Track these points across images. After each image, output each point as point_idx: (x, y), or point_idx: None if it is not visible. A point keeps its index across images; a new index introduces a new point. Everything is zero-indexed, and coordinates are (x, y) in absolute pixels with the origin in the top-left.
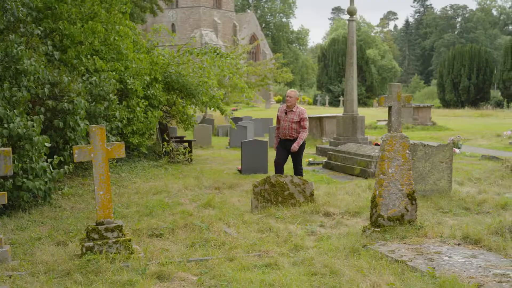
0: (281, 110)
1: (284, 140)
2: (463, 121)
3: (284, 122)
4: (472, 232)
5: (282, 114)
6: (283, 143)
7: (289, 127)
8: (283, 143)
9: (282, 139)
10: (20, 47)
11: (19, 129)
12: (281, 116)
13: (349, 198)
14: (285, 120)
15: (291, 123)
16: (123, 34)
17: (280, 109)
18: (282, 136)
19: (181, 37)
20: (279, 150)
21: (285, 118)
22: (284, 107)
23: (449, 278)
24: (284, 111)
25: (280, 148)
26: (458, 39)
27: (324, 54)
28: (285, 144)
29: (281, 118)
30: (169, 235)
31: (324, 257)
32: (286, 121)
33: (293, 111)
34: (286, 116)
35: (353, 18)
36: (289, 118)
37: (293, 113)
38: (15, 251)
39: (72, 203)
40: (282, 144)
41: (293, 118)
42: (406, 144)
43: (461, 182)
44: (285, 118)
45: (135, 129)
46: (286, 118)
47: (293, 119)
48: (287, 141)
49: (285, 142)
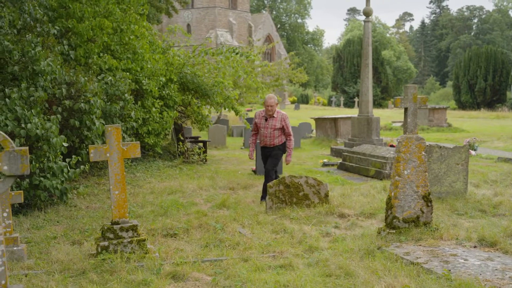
0: (260, 116)
1: (264, 147)
2: (479, 122)
3: (265, 130)
4: (488, 235)
5: (262, 120)
6: (262, 150)
7: (271, 134)
8: (263, 150)
9: (261, 146)
10: (37, 48)
11: (37, 130)
12: (261, 123)
13: (364, 200)
14: (266, 127)
15: (273, 130)
16: (139, 34)
17: (258, 115)
18: (262, 143)
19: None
20: (263, 159)
21: (265, 125)
22: (262, 113)
23: (464, 280)
24: (263, 117)
25: (263, 156)
26: (474, 40)
27: (339, 55)
28: (264, 151)
29: (260, 125)
30: (184, 235)
31: (339, 258)
32: (267, 128)
33: (274, 117)
34: (267, 122)
35: (368, 19)
36: (270, 125)
37: (274, 119)
38: (31, 250)
39: (87, 202)
40: (262, 151)
41: (275, 125)
42: (422, 145)
43: (477, 184)
44: (266, 125)
45: (150, 129)
46: (267, 125)
47: (275, 126)
48: (268, 148)
49: (265, 150)
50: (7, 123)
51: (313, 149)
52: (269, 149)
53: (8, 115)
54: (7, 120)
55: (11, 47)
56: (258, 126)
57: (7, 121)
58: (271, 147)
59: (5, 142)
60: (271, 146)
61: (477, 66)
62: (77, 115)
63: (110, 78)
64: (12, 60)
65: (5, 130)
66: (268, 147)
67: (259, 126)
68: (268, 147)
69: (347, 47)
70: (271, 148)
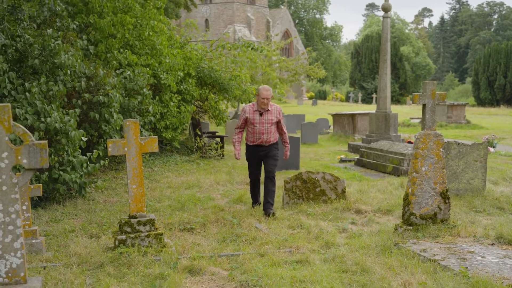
0: (251, 111)
1: (258, 146)
2: (498, 119)
3: (260, 125)
4: (506, 232)
5: (255, 115)
6: (254, 150)
7: (268, 130)
8: (255, 150)
9: (251, 145)
10: (57, 42)
11: (56, 124)
12: (255, 118)
13: (381, 196)
14: (261, 123)
15: (270, 125)
16: (158, 30)
17: (249, 110)
18: (256, 141)
19: (215, 32)
20: (252, 162)
21: (261, 120)
22: (254, 106)
23: (482, 278)
24: (257, 111)
25: (253, 158)
26: (494, 36)
27: (357, 50)
28: (258, 151)
29: (254, 120)
30: (201, 229)
31: (355, 254)
32: (263, 124)
33: (269, 110)
34: (262, 117)
35: (387, 15)
36: (266, 119)
37: (269, 113)
38: (49, 243)
39: (105, 196)
40: (253, 151)
41: (271, 119)
42: (440, 142)
43: (495, 182)
44: (261, 120)
45: (168, 124)
46: (263, 119)
47: (271, 120)
48: (263, 148)
49: (259, 150)
50: (26, 116)
51: (331, 145)
52: (265, 148)
53: (28, 109)
54: (27, 114)
55: (31, 40)
56: (250, 122)
57: (27, 114)
58: (267, 146)
59: (25, 135)
60: (268, 145)
61: (496, 62)
62: (96, 109)
63: (128, 73)
64: (33, 53)
65: (25, 123)
66: (263, 145)
67: (252, 122)
68: (264, 146)
69: (365, 42)
70: (267, 147)
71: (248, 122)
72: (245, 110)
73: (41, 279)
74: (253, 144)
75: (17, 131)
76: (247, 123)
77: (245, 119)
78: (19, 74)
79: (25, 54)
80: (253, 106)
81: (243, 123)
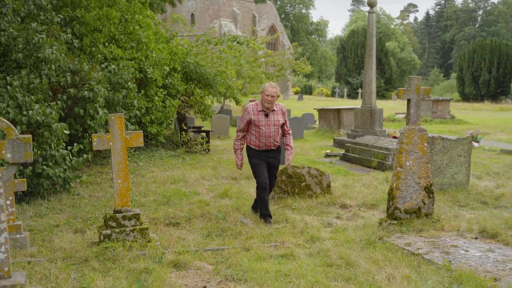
0: (255, 111)
1: (266, 152)
2: (482, 115)
3: (267, 128)
4: (490, 226)
5: (260, 116)
6: (262, 155)
7: (275, 132)
8: (263, 155)
9: (257, 151)
10: (41, 35)
11: (38, 117)
12: (260, 120)
13: (366, 191)
14: (267, 125)
15: (277, 127)
16: (145, 25)
17: (253, 111)
18: (263, 147)
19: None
20: (259, 164)
21: (267, 122)
22: (257, 106)
23: (465, 271)
24: (261, 112)
25: (262, 165)
26: (479, 32)
27: (343, 46)
28: (266, 157)
29: (259, 122)
30: (186, 224)
31: (340, 248)
32: (269, 126)
33: (275, 111)
34: (268, 118)
35: (373, 10)
36: (273, 120)
37: (275, 113)
38: (34, 238)
39: (90, 191)
40: (260, 156)
41: (278, 120)
42: (425, 137)
43: (479, 176)
44: (267, 121)
45: (153, 118)
46: (269, 121)
47: (278, 122)
48: (271, 152)
49: (267, 155)
50: (8, 110)
51: (316, 140)
52: (272, 153)
53: (10, 102)
54: (8, 108)
55: (15, 34)
56: (255, 124)
57: (9, 108)
58: (275, 150)
59: (9, 129)
60: (272, 149)
61: (481, 58)
62: (81, 104)
63: (113, 67)
64: (17, 48)
65: (7, 117)
66: (271, 150)
67: (257, 125)
68: (271, 150)
69: (351, 38)
70: (275, 151)
71: (252, 124)
72: (248, 111)
73: (25, 274)
74: (259, 149)
75: (1, 125)
76: (250, 125)
77: (248, 121)
78: (3, 68)
79: (9, 48)
80: (256, 105)
81: (246, 125)
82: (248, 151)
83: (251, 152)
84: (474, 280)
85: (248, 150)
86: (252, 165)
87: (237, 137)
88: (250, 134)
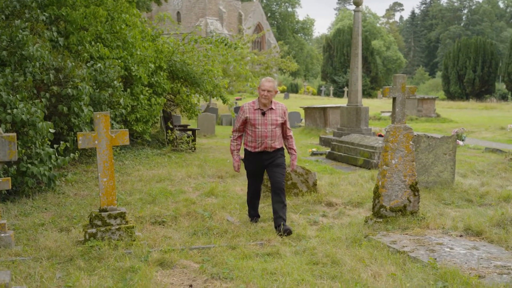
0: (251, 110)
1: (261, 153)
2: (467, 113)
3: (263, 127)
4: (474, 224)
5: (257, 115)
6: (257, 158)
7: (272, 133)
8: (258, 157)
9: (253, 152)
10: (24, 33)
11: (22, 115)
12: (256, 118)
13: (352, 189)
14: (264, 124)
15: (275, 127)
16: (131, 24)
17: (249, 109)
18: (258, 147)
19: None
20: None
21: (263, 121)
22: (254, 104)
23: (450, 269)
24: (258, 110)
25: (254, 167)
26: (464, 31)
27: (329, 44)
28: (261, 159)
29: (256, 121)
30: (172, 222)
31: (326, 246)
32: (266, 125)
33: (273, 109)
34: (265, 117)
35: (359, 9)
36: (270, 120)
37: (274, 112)
38: (19, 237)
39: (75, 189)
40: (255, 159)
41: (276, 120)
42: (410, 135)
43: (464, 174)
44: (264, 120)
45: (139, 117)
46: (266, 120)
47: (276, 121)
48: (267, 154)
49: (261, 157)
50: None
51: (302, 138)
52: (269, 156)
53: None
54: None
55: None
56: (251, 123)
57: None
58: (272, 152)
59: None
60: (272, 151)
61: (466, 57)
62: (65, 101)
63: (99, 65)
64: (1, 45)
65: None
66: (267, 152)
67: (252, 124)
68: (267, 152)
69: (337, 36)
70: (272, 154)
71: (248, 123)
72: (244, 110)
73: (9, 273)
74: (255, 150)
75: None
76: (246, 124)
77: (244, 120)
78: None
79: None
80: (253, 104)
81: (241, 125)
82: (244, 155)
83: (246, 155)
84: (459, 278)
85: (244, 154)
86: (247, 171)
87: (233, 138)
88: (246, 134)
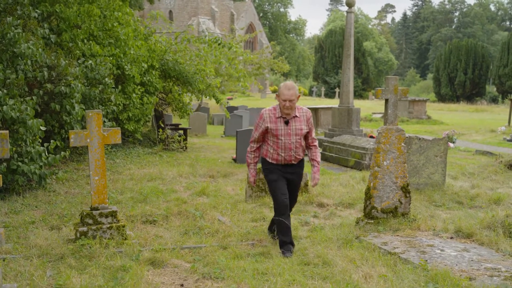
0: (272, 118)
1: (285, 166)
2: (458, 115)
3: (286, 138)
4: (465, 226)
5: (279, 124)
6: (281, 170)
7: (296, 144)
8: (281, 170)
9: (274, 165)
10: (17, 30)
11: (12, 112)
12: (278, 128)
13: (343, 190)
14: (287, 134)
15: (299, 138)
16: (124, 22)
17: (269, 117)
18: (281, 161)
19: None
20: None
21: (287, 131)
22: (275, 112)
23: (441, 271)
24: (280, 119)
25: (280, 181)
26: (455, 33)
27: (321, 45)
28: (285, 172)
29: (279, 132)
30: (163, 222)
31: (317, 247)
32: (290, 136)
33: (297, 117)
34: (288, 127)
35: (351, 10)
36: (295, 129)
37: (298, 120)
38: (9, 235)
39: (66, 188)
40: (278, 171)
41: (301, 129)
42: (402, 137)
43: (455, 176)
44: (287, 130)
45: (130, 116)
46: (289, 130)
47: (301, 131)
48: (290, 167)
49: (285, 170)
50: None
51: None
52: (294, 169)
53: None
54: None
55: None
56: (273, 134)
57: None
58: (295, 165)
59: None
60: (296, 163)
61: (457, 59)
62: (58, 99)
63: (90, 62)
64: None
65: None
66: (290, 164)
67: (275, 134)
68: (291, 165)
69: (329, 37)
70: (296, 166)
71: (269, 133)
72: (263, 117)
73: (0, 271)
74: (280, 163)
75: None
76: (267, 134)
77: (264, 130)
78: None
79: None
80: (274, 111)
81: (261, 135)
82: (263, 165)
83: (267, 166)
84: (450, 280)
85: (263, 163)
86: (269, 181)
87: (250, 149)
88: (266, 144)
